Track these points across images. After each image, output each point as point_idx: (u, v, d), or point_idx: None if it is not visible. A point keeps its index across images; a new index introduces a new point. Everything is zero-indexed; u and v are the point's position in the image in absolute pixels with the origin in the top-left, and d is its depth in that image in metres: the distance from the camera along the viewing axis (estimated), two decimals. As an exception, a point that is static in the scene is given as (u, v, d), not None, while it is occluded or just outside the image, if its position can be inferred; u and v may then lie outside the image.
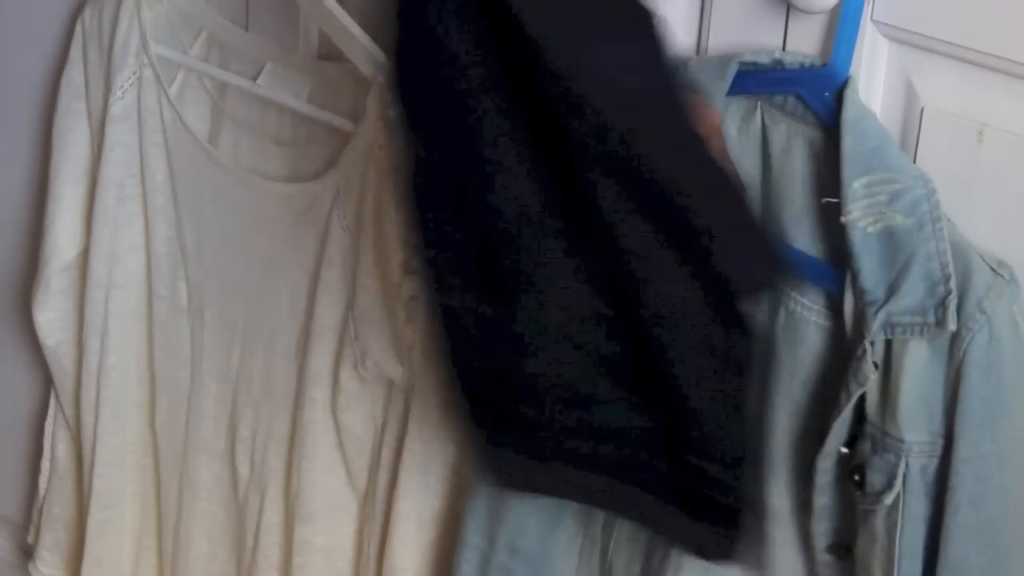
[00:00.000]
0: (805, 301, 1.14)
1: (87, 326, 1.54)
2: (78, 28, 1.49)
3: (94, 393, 1.55)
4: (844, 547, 1.17)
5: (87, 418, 1.57)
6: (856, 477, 1.12)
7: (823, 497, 1.16)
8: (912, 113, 1.11)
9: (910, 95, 1.11)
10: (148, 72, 1.44)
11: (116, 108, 1.46)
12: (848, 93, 1.09)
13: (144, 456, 1.58)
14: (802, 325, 1.15)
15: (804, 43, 1.13)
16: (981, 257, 1.07)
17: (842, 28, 1.09)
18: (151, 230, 1.50)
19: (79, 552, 1.62)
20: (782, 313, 1.16)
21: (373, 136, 1.31)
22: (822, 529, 1.18)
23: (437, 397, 1.35)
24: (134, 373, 1.56)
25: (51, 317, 1.58)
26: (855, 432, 1.14)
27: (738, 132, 1.16)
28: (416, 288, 1.31)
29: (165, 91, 1.43)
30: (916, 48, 1.10)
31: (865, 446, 1.11)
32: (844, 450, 1.14)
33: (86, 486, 1.59)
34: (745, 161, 1.16)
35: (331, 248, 1.36)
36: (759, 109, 1.15)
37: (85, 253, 1.53)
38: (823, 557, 1.19)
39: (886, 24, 1.10)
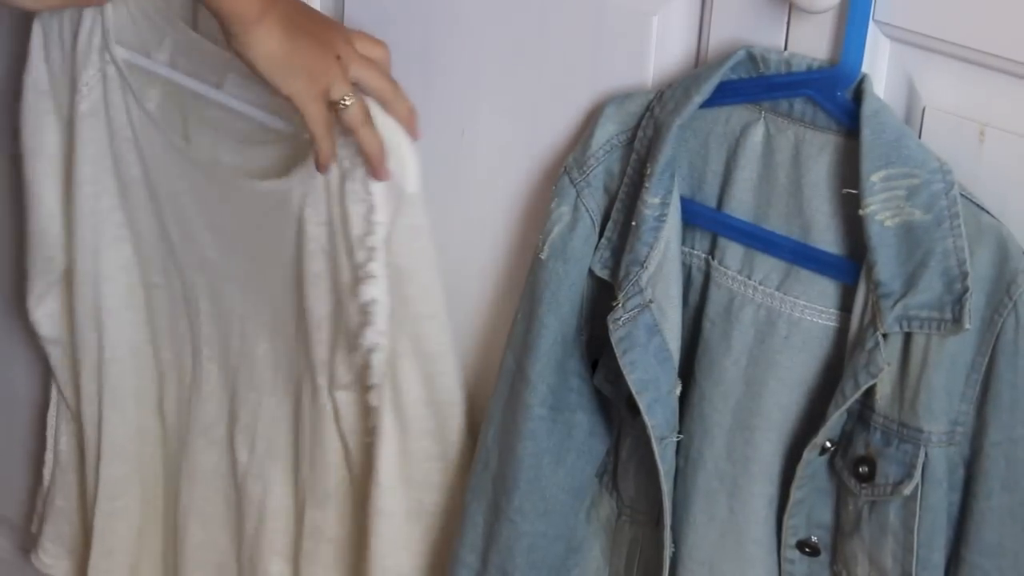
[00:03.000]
0: (816, 306, 1.16)
1: (81, 321, 1.53)
2: (36, 27, 1.47)
3: (95, 385, 1.55)
4: (813, 545, 1.19)
5: (90, 409, 1.56)
6: (862, 469, 1.13)
7: (801, 491, 1.17)
8: (914, 113, 1.12)
9: (911, 95, 1.12)
10: (112, 69, 1.43)
11: (83, 106, 1.45)
12: (866, 88, 1.10)
13: (146, 445, 1.57)
14: (810, 328, 1.16)
15: (807, 43, 1.14)
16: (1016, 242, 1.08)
17: (851, 26, 1.10)
18: (136, 222, 1.48)
19: (84, 543, 1.62)
20: (783, 323, 1.17)
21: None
22: (793, 524, 1.19)
23: (410, 394, 1.36)
24: (133, 363, 1.55)
25: (48, 311, 1.57)
26: (844, 426, 1.15)
27: (737, 144, 1.17)
28: (372, 293, 1.32)
29: (131, 88, 1.42)
30: (918, 48, 1.11)
31: (873, 438, 1.13)
32: (828, 444, 1.15)
33: (91, 478, 1.59)
34: (743, 174, 1.17)
35: (310, 242, 1.35)
36: (763, 120, 1.16)
37: (71, 248, 1.53)
38: (790, 554, 1.20)
39: (888, 24, 1.11)
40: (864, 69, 1.12)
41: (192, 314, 1.50)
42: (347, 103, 1.23)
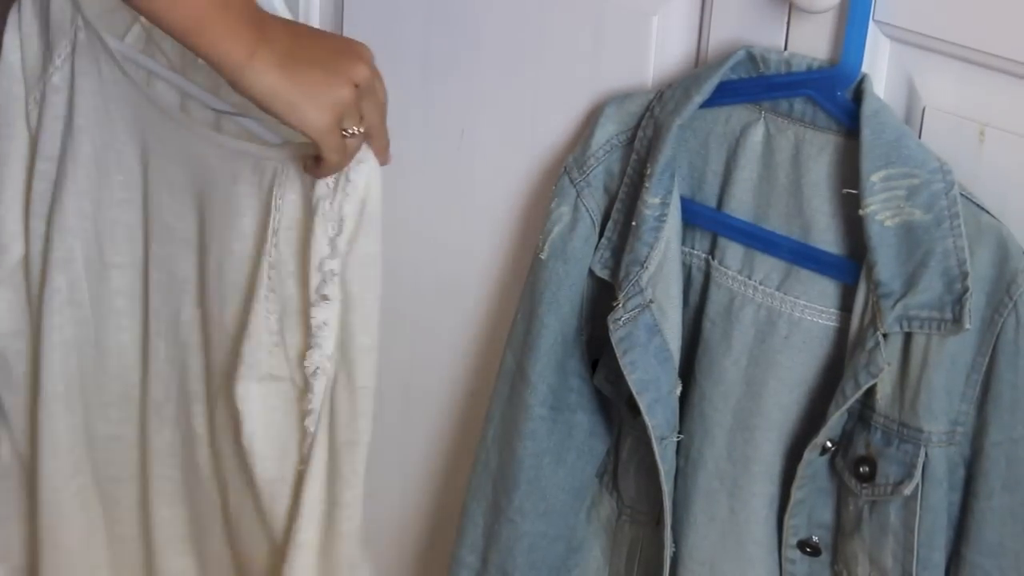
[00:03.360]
0: (816, 306, 1.16)
1: (32, 310, 1.50)
2: (13, 15, 1.46)
3: (33, 385, 1.51)
4: (814, 545, 1.19)
5: (25, 412, 1.54)
6: (862, 469, 1.14)
7: (802, 491, 1.17)
8: (914, 113, 1.13)
9: (911, 95, 1.13)
10: (82, 34, 1.40)
11: (55, 77, 1.42)
12: (866, 87, 1.10)
13: (83, 439, 1.55)
14: (810, 328, 1.16)
15: (807, 43, 1.14)
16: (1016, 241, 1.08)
17: (851, 26, 1.10)
18: (101, 196, 1.46)
19: (30, 548, 1.59)
20: (784, 323, 1.18)
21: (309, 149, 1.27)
22: (794, 524, 1.19)
23: (341, 424, 1.31)
24: (78, 358, 1.50)
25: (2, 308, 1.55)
26: (845, 426, 1.15)
27: (737, 144, 1.17)
28: (324, 316, 1.28)
29: (104, 45, 1.39)
30: (918, 48, 1.11)
31: (874, 438, 1.13)
32: (829, 444, 1.15)
33: (29, 479, 1.56)
34: (743, 174, 1.18)
35: (254, 226, 1.32)
36: (763, 120, 1.16)
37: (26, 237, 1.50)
38: (791, 554, 1.20)
39: (888, 24, 1.11)
40: (864, 69, 1.12)
41: (144, 288, 1.45)
42: (353, 133, 1.22)
